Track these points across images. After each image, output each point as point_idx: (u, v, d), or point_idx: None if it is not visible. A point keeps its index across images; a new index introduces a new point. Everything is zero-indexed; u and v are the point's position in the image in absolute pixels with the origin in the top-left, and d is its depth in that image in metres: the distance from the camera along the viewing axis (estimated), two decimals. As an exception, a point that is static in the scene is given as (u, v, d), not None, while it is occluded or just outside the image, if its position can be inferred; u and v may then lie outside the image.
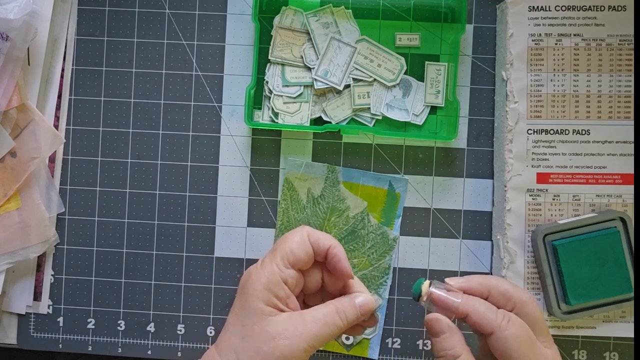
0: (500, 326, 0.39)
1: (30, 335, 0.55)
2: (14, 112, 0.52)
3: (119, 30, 0.55)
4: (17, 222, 0.53)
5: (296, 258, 0.41)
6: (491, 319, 0.39)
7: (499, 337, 0.38)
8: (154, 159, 0.55)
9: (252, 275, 0.41)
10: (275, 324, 0.39)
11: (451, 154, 0.54)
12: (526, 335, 0.39)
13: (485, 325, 0.39)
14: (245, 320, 0.40)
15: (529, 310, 0.40)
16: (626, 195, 0.50)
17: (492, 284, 0.41)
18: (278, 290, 0.40)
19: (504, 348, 0.38)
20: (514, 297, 0.40)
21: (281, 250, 0.41)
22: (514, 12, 0.50)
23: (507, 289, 0.41)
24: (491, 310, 0.40)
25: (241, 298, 0.41)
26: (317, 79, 0.53)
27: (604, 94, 0.51)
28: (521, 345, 0.38)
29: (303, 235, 0.42)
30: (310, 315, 0.40)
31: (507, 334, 0.38)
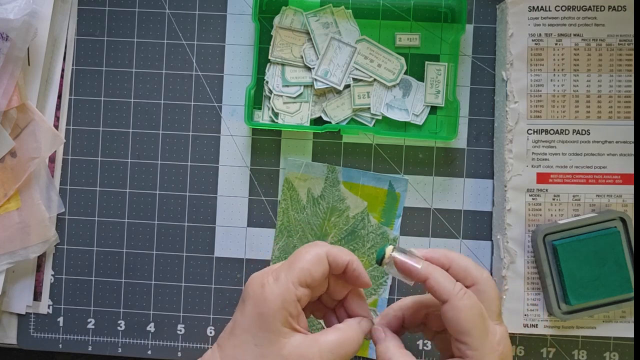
0: (457, 295, 0.39)
1: (30, 335, 0.55)
2: (14, 112, 0.52)
3: (119, 30, 0.55)
4: (17, 222, 0.53)
5: (313, 280, 0.41)
6: (448, 287, 0.40)
7: (452, 306, 0.39)
8: (154, 159, 0.55)
9: (267, 292, 0.40)
10: (289, 348, 0.39)
11: (451, 154, 0.54)
12: (478, 310, 0.39)
13: (441, 292, 0.40)
14: (259, 340, 0.39)
15: (486, 288, 0.41)
16: (626, 195, 0.50)
17: (454, 257, 0.42)
18: (292, 309, 0.40)
19: (456, 317, 0.39)
20: (474, 274, 0.41)
21: (299, 270, 0.40)
22: (514, 12, 0.50)
23: (468, 265, 0.42)
24: (449, 280, 0.40)
25: (255, 314, 0.40)
26: (317, 79, 0.53)
27: (604, 94, 0.51)
28: (472, 317, 0.39)
29: (321, 256, 0.41)
30: (325, 342, 0.40)
31: (461, 303, 0.39)
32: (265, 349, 0.39)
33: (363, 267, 0.42)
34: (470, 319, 0.39)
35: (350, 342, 0.41)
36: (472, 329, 0.39)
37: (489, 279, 0.41)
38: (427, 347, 0.54)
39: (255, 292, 0.40)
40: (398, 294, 0.54)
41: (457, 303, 0.39)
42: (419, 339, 0.54)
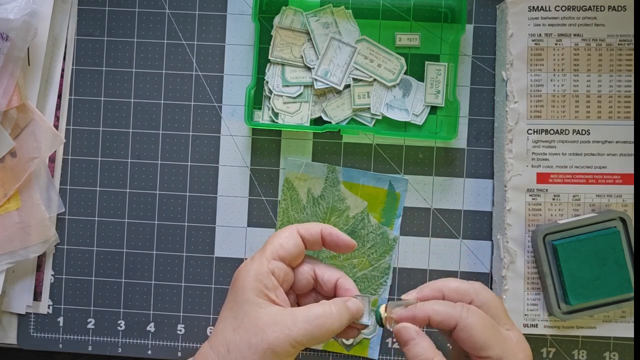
0: (462, 316, 0.39)
1: (30, 335, 0.55)
2: (14, 112, 0.52)
3: (119, 30, 0.55)
4: (17, 222, 0.53)
5: (285, 251, 0.42)
6: (451, 312, 0.40)
7: (462, 327, 0.39)
8: (154, 159, 0.55)
9: (242, 269, 0.42)
10: (264, 316, 0.40)
11: (451, 154, 0.54)
12: (487, 321, 0.40)
13: (447, 320, 0.40)
14: (237, 312, 0.41)
15: (484, 298, 0.41)
16: (626, 195, 0.50)
17: (442, 285, 0.42)
18: (267, 281, 0.41)
19: (469, 335, 0.39)
20: (467, 290, 0.41)
21: (270, 245, 0.43)
22: (514, 12, 0.50)
23: (457, 286, 0.42)
24: (449, 305, 0.40)
25: (232, 292, 0.42)
26: (317, 79, 0.53)
27: (604, 94, 0.51)
28: (484, 329, 0.39)
29: (292, 230, 0.43)
30: (302, 314, 0.40)
31: (470, 321, 0.39)
32: (241, 320, 0.40)
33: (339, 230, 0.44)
34: (483, 332, 0.39)
35: (330, 316, 0.40)
36: (489, 341, 0.39)
37: (483, 288, 0.42)
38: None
39: (234, 276, 0.43)
40: (398, 293, 0.54)
41: (465, 322, 0.39)
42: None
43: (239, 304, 0.41)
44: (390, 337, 0.54)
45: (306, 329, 0.39)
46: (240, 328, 0.40)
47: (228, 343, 0.40)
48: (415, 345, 0.40)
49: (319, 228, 0.44)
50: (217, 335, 0.41)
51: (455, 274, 0.54)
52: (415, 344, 0.40)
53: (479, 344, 0.39)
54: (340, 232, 0.44)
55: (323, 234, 0.44)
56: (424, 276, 0.54)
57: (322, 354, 0.54)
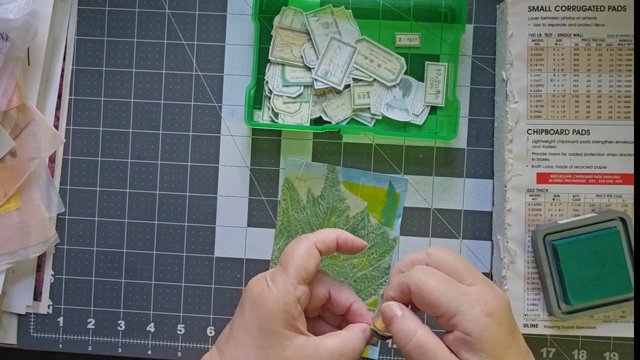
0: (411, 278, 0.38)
1: (30, 335, 0.55)
2: (14, 112, 0.52)
3: (119, 30, 0.55)
4: (17, 222, 0.53)
5: (308, 273, 0.41)
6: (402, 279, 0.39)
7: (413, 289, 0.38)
8: (154, 159, 0.55)
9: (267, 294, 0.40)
10: (290, 349, 0.39)
11: (451, 154, 0.54)
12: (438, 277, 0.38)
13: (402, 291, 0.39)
14: (261, 343, 0.39)
15: (438, 257, 0.40)
16: (626, 195, 0.50)
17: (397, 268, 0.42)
18: (294, 311, 0.40)
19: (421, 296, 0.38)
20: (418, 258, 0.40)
21: (294, 269, 0.41)
22: (514, 12, 0.50)
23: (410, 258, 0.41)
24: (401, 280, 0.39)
25: (256, 317, 0.40)
26: (317, 79, 0.53)
27: (604, 94, 0.51)
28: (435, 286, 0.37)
29: (310, 247, 0.42)
30: (325, 346, 0.40)
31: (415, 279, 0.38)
32: (267, 351, 0.39)
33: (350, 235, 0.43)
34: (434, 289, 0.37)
35: (352, 348, 0.41)
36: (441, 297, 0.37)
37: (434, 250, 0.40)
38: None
39: (254, 296, 0.40)
40: (398, 294, 0.54)
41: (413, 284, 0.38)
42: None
43: (264, 334, 0.39)
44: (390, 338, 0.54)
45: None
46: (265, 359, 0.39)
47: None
48: (399, 321, 0.39)
49: (334, 236, 0.43)
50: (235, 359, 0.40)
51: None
52: (398, 320, 0.39)
53: (431, 302, 0.37)
54: (353, 235, 0.43)
55: (339, 242, 0.43)
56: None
57: (322, 354, 0.54)
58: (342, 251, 0.43)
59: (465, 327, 0.37)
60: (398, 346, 0.39)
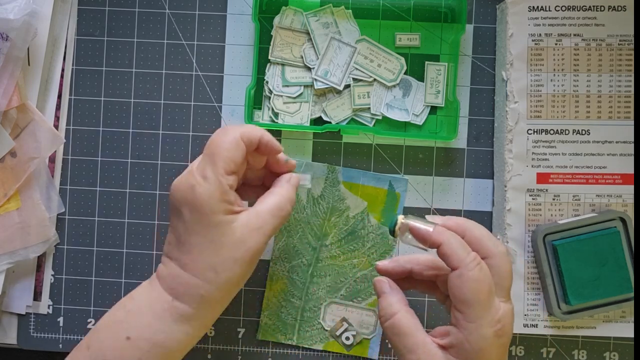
0: (468, 265, 0.38)
1: (30, 335, 0.55)
2: (14, 112, 0.52)
3: (119, 30, 0.55)
4: (17, 222, 0.53)
5: (236, 165, 0.43)
6: (461, 255, 0.39)
7: (461, 274, 0.38)
8: (154, 159, 0.55)
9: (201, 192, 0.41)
10: (239, 229, 0.42)
11: (451, 154, 0.54)
12: (487, 284, 0.38)
13: (453, 258, 0.39)
14: (212, 236, 0.41)
15: (498, 262, 0.40)
16: (626, 195, 0.50)
17: (468, 227, 0.41)
18: (230, 198, 0.42)
19: (462, 286, 0.38)
20: (488, 247, 0.40)
21: (223, 161, 0.42)
22: (514, 12, 0.50)
23: (482, 236, 0.40)
24: (464, 247, 0.39)
25: (198, 216, 0.41)
26: (317, 79, 0.53)
27: (604, 94, 0.51)
28: (477, 289, 0.38)
29: (237, 139, 0.43)
30: (265, 210, 0.43)
31: (470, 274, 0.38)
32: (220, 240, 0.41)
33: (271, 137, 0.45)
34: (474, 291, 0.38)
35: (287, 199, 0.44)
36: (474, 302, 0.38)
37: (504, 254, 0.40)
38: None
39: (188, 197, 0.42)
40: (398, 294, 0.54)
41: (466, 272, 0.38)
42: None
43: (211, 228, 0.41)
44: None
45: (274, 223, 0.43)
46: (222, 249, 0.41)
47: (214, 266, 0.41)
48: (385, 298, 0.42)
49: (259, 134, 0.44)
50: (196, 261, 0.42)
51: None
52: (385, 297, 0.42)
53: (464, 298, 0.38)
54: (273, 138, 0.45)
55: (261, 141, 0.44)
56: (424, 276, 0.54)
57: (322, 354, 0.54)
58: (260, 151, 0.45)
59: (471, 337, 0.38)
60: (380, 321, 0.42)
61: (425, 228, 0.41)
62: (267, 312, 0.54)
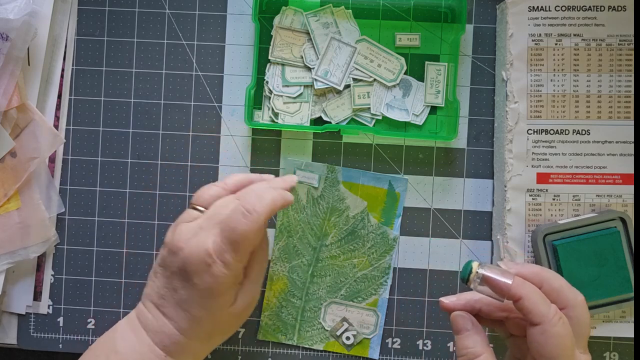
0: (551, 320, 0.37)
1: (30, 335, 0.55)
2: (14, 112, 0.52)
3: (119, 30, 0.55)
4: (17, 222, 0.53)
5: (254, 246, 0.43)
6: (544, 310, 0.37)
7: (545, 331, 0.37)
8: (154, 159, 0.55)
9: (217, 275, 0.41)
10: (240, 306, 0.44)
11: (451, 154, 0.54)
12: (569, 338, 0.37)
13: (535, 314, 0.37)
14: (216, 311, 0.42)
15: (578, 313, 0.39)
16: (626, 195, 0.50)
17: (546, 277, 0.40)
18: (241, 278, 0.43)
19: (546, 343, 0.37)
20: (567, 297, 0.39)
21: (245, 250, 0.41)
22: (514, 12, 0.50)
23: (562, 286, 0.39)
24: (545, 302, 0.38)
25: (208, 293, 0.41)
26: (317, 79, 0.53)
27: (604, 94, 0.51)
28: (563, 346, 0.37)
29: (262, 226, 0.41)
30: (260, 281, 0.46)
31: (555, 330, 0.37)
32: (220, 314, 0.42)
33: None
34: (559, 347, 0.37)
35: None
36: (558, 357, 0.37)
37: (584, 304, 0.39)
38: (427, 347, 0.54)
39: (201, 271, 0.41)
40: (398, 294, 0.54)
41: (549, 329, 0.37)
42: (419, 339, 0.54)
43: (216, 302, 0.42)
44: (390, 337, 0.54)
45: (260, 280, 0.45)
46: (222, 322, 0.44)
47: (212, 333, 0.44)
48: (467, 337, 0.39)
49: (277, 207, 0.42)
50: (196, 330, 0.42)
51: (456, 274, 0.54)
52: (468, 336, 0.39)
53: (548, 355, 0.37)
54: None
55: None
56: (424, 276, 0.54)
57: (322, 354, 0.54)
58: None
59: None
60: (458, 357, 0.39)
61: (504, 281, 0.38)
62: (267, 312, 0.54)
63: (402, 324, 0.54)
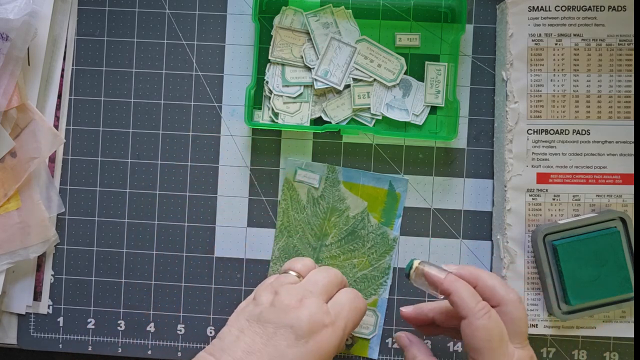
0: (477, 314, 0.39)
1: (30, 335, 0.55)
2: (14, 112, 0.52)
3: (119, 30, 0.55)
4: (17, 222, 0.53)
5: None
6: (470, 304, 0.40)
7: (470, 323, 0.39)
8: (154, 159, 0.55)
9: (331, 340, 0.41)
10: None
11: (451, 154, 0.54)
12: (497, 332, 0.39)
13: (462, 307, 0.40)
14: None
15: (512, 310, 0.41)
16: (626, 195, 0.50)
17: (481, 276, 0.42)
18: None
19: (472, 336, 0.39)
20: (500, 294, 0.41)
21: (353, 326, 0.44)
22: (514, 12, 0.50)
23: (494, 285, 0.42)
24: (474, 297, 0.40)
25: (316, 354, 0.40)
26: (317, 79, 0.53)
27: (604, 94, 0.51)
28: (488, 338, 0.39)
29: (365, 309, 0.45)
30: None
31: (479, 323, 0.39)
32: None
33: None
34: (484, 339, 0.39)
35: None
36: (485, 349, 0.39)
37: (516, 300, 0.41)
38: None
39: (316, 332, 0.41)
40: (398, 294, 0.54)
41: (474, 321, 0.39)
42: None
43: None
44: (390, 337, 0.54)
45: None
46: None
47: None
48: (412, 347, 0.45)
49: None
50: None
51: (455, 274, 0.54)
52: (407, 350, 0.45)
53: (475, 346, 0.39)
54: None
55: None
56: (424, 276, 0.54)
57: (322, 354, 0.54)
58: None
59: None
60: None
61: (438, 275, 0.42)
62: (267, 312, 0.54)
63: (402, 324, 0.54)
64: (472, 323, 0.39)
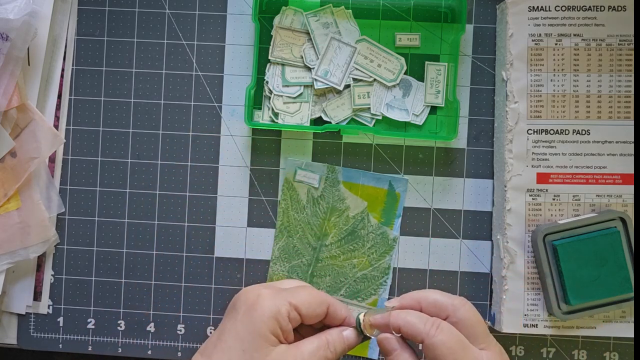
0: (429, 333, 0.39)
1: (30, 335, 0.55)
2: (14, 112, 0.52)
3: (119, 30, 0.55)
4: (17, 222, 0.53)
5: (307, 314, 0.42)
6: (419, 328, 0.40)
7: (428, 345, 0.39)
8: (154, 159, 0.55)
9: (263, 300, 0.41)
10: (274, 355, 0.40)
11: (451, 154, 0.54)
12: (456, 341, 0.39)
13: (415, 334, 0.40)
14: (247, 345, 0.40)
15: (461, 314, 0.40)
16: (626, 195, 0.50)
17: (422, 296, 0.42)
18: (284, 323, 0.41)
19: (434, 355, 0.39)
20: (445, 305, 0.41)
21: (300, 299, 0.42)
22: (514, 12, 0.50)
23: (436, 298, 0.41)
24: (420, 320, 0.40)
25: (247, 320, 0.41)
26: (317, 79, 0.53)
27: (604, 94, 0.51)
28: (450, 351, 0.39)
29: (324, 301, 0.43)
30: (306, 349, 0.41)
31: (435, 340, 0.39)
32: (251, 354, 0.40)
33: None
34: (447, 353, 0.39)
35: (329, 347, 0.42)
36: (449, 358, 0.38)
37: (462, 304, 0.41)
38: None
39: (249, 300, 0.41)
40: (398, 293, 0.54)
41: (430, 340, 0.39)
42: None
43: (252, 337, 0.40)
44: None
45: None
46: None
47: None
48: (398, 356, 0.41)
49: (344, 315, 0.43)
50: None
51: (455, 274, 0.54)
52: (398, 354, 0.41)
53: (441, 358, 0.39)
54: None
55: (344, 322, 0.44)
56: (424, 276, 0.54)
57: (322, 354, 0.54)
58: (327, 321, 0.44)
59: None
60: None
61: (384, 317, 0.42)
62: (267, 312, 0.54)
63: (402, 324, 0.54)
64: (429, 343, 0.39)
